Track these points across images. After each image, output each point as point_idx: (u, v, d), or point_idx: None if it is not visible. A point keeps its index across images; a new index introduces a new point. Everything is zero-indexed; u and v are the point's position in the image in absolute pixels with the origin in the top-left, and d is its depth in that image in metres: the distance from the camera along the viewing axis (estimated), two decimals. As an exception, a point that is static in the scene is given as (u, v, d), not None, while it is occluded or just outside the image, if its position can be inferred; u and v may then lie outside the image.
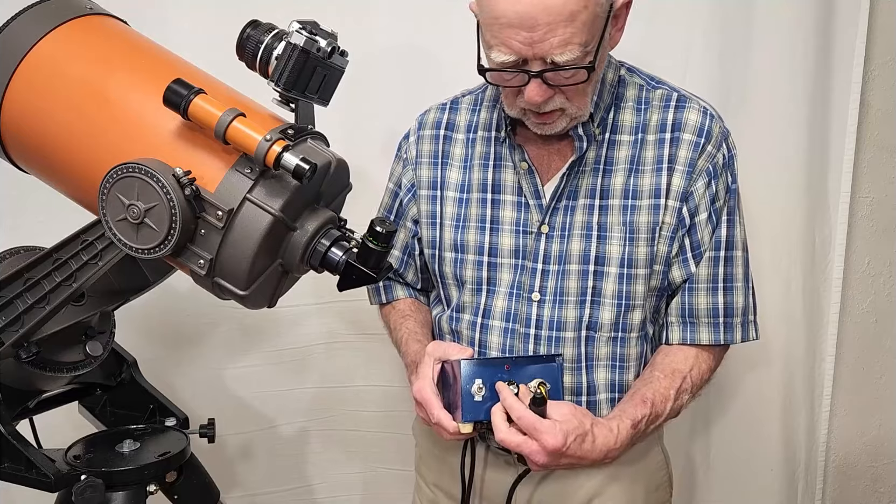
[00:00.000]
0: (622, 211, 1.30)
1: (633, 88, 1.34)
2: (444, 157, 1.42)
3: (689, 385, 1.31)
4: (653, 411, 1.26)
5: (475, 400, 1.18)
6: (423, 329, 1.45)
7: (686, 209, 1.30)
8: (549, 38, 1.13)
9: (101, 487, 1.21)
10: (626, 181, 1.30)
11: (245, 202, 1.10)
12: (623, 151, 1.31)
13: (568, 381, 1.32)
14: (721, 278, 1.32)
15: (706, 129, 1.29)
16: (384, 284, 1.52)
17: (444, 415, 1.20)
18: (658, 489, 1.44)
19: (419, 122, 1.46)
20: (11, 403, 1.27)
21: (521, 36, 1.13)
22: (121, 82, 1.17)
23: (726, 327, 1.33)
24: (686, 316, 1.34)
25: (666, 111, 1.31)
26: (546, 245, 1.32)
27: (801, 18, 1.83)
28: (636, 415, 1.24)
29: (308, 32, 1.09)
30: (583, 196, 1.31)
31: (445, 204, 1.40)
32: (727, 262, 1.32)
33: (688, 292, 1.33)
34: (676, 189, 1.29)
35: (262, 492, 1.99)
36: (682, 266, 1.32)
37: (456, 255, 1.38)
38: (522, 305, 1.33)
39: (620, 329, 1.32)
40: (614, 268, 1.30)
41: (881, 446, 2.11)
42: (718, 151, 1.30)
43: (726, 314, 1.33)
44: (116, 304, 1.34)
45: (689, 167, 1.29)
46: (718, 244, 1.32)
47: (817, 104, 1.88)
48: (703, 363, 1.34)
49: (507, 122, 1.33)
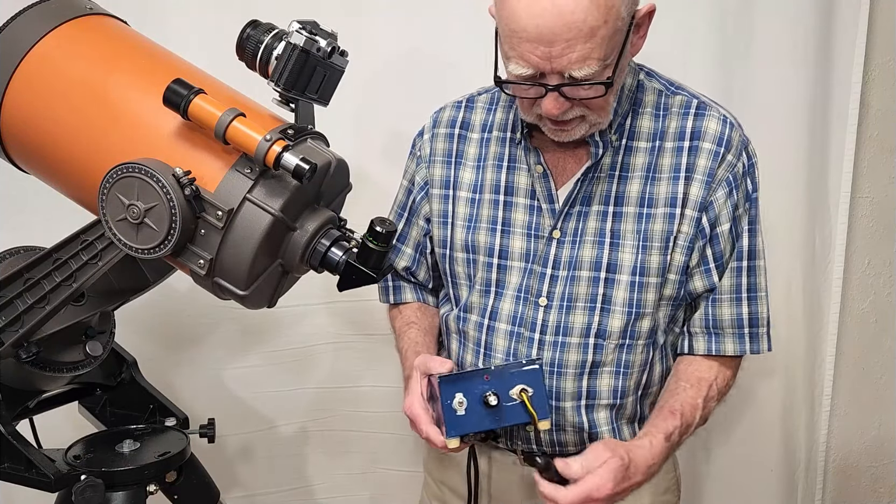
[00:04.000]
0: (637, 219, 1.28)
1: (651, 94, 1.32)
2: (457, 157, 1.40)
3: (716, 392, 1.31)
4: (683, 421, 1.25)
5: (458, 414, 1.17)
6: (425, 337, 1.43)
7: (706, 219, 1.28)
8: (567, 54, 1.11)
9: (101, 487, 1.21)
10: (642, 188, 1.28)
11: (245, 202, 1.10)
12: (640, 158, 1.29)
13: (570, 387, 1.31)
14: (745, 288, 1.31)
15: (726, 138, 1.28)
16: (393, 285, 1.51)
17: (433, 430, 1.20)
18: (666, 492, 1.44)
19: (434, 120, 1.44)
20: (11, 403, 1.27)
21: (540, 51, 1.11)
22: (121, 82, 1.17)
23: (752, 338, 1.32)
24: (711, 327, 1.33)
25: (685, 119, 1.29)
26: (557, 250, 1.31)
27: (801, 18, 1.83)
28: (667, 427, 1.24)
29: (308, 32, 1.09)
30: (597, 202, 1.30)
31: (458, 204, 1.39)
32: (750, 272, 1.31)
33: (712, 303, 1.32)
34: (694, 199, 1.27)
35: (262, 492, 1.99)
36: (704, 276, 1.31)
37: (466, 255, 1.38)
38: (529, 309, 1.32)
39: (629, 336, 1.31)
40: (626, 276, 1.28)
41: (881, 446, 2.11)
42: (738, 161, 1.28)
43: (751, 324, 1.32)
44: (116, 304, 1.34)
45: (707, 177, 1.27)
46: (741, 254, 1.30)
47: (817, 104, 1.88)
48: (727, 370, 1.34)
49: (523, 125, 1.31)
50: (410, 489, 1.63)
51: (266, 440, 1.97)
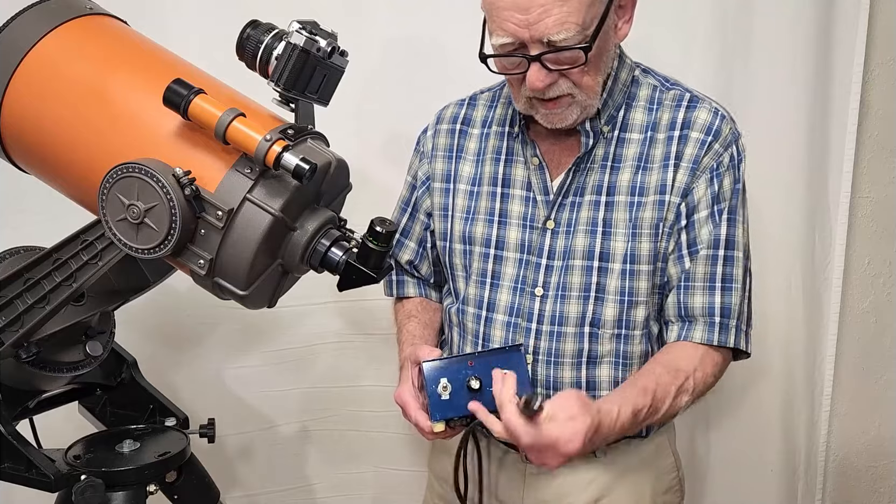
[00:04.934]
0: (628, 207, 1.30)
1: (646, 88, 1.34)
2: (458, 151, 1.43)
3: (691, 386, 1.27)
4: (653, 403, 1.22)
5: (443, 399, 1.21)
6: (424, 330, 1.46)
7: (685, 205, 1.29)
8: (544, 19, 1.15)
9: (101, 487, 1.21)
10: (633, 178, 1.30)
11: (245, 202, 1.10)
12: (632, 149, 1.31)
13: (569, 377, 1.33)
14: (720, 277, 1.31)
15: (715, 128, 1.29)
16: (397, 279, 1.54)
17: (421, 416, 1.23)
18: (668, 492, 1.44)
19: (437, 117, 1.48)
20: (11, 403, 1.27)
21: (517, 18, 1.16)
22: (121, 82, 1.17)
23: (721, 328, 1.30)
24: (683, 314, 1.32)
25: (677, 110, 1.31)
26: (551, 241, 1.33)
27: (801, 18, 1.83)
28: (638, 403, 1.21)
29: (308, 32, 1.09)
30: (589, 193, 1.31)
31: (457, 196, 1.42)
32: (726, 261, 1.31)
33: (684, 290, 1.31)
34: (679, 185, 1.29)
35: (262, 492, 1.99)
36: (677, 262, 1.31)
37: (464, 246, 1.40)
38: (525, 300, 1.34)
39: (624, 326, 1.32)
40: (618, 264, 1.30)
41: (881, 446, 2.11)
42: (726, 151, 1.29)
43: (723, 314, 1.30)
44: (116, 304, 1.34)
45: (693, 164, 1.28)
46: (718, 242, 1.30)
47: (817, 104, 1.88)
48: (707, 367, 1.30)
49: (520, 118, 1.34)
50: (412, 489, 1.63)
51: (266, 440, 1.97)
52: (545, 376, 1.34)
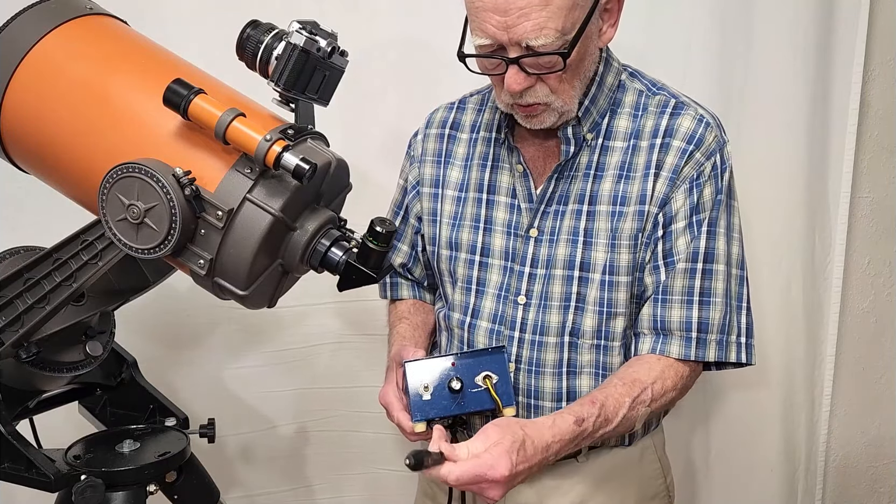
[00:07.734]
0: (609, 217, 1.28)
1: (631, 94, 1.31)
2: (447, 156, 1.42)
3: (648, 397, 1.23)
4: (602, 413, 1.18)
5: (423, 399, 1.21)
6: (414, 332, 1.45)
7: (662, 214, 1.26)
8: (522, 23, 1.14)
9: (101, 487, 1.21)
10: (615, 187, 1.28)
11: (245, 202, 1.10)
12: (615, 157, 1.29)
13: (549, 387, 1.31)
14: (697, 291, 1.26)
15: (697, 137, 1.26)
16: (391, 281, 1.54)
17: (403, 416, 1.24)
18: (654, 498, 1.42)
19: (427, 121, 1.47)
20: (11, 403, 1.27)
21: (496, 20, 1.15)
22: (121, 82, 1.17)
23: (699, 343, 1.26)
24: (658, 327, 1.28)
25: (661, 117, 1.28)
26: (534, 249, 1.31)
27: (801, 18, 1.83)
28: (582, 412, 1.17)
29: (308, 32, 1.09)
30: (573, 201, 1.30)
31: (444, 202, 1.41)
32: (705, 275, 1.27)
33: (661, 303, 1.27)
34: (657, 195, 1.26)
35: (262, 492, 1.99)
36: (653, 272, 1.28)
37: (450, 252, 1.39)
38: (509, 308, 1.33)
39: (603, 337, 1.30)
40: (598, 274, 1.28)
41: (881, 446, 2.11)
42: (708, 160, 1.26)
43: (700, 329, 1.26)
44: (116, 304, 1.34)
45: (672, 173, 1.26)
46: (696, 256, 1.26)
47: (817, 104, 1.88)
48: (668, 379, 1.26)
49: (506, 124, 1.33)
50: (410, 490, 1.63)
51: (266, 440, 1.97)
52: (527, 385, 1.32)
